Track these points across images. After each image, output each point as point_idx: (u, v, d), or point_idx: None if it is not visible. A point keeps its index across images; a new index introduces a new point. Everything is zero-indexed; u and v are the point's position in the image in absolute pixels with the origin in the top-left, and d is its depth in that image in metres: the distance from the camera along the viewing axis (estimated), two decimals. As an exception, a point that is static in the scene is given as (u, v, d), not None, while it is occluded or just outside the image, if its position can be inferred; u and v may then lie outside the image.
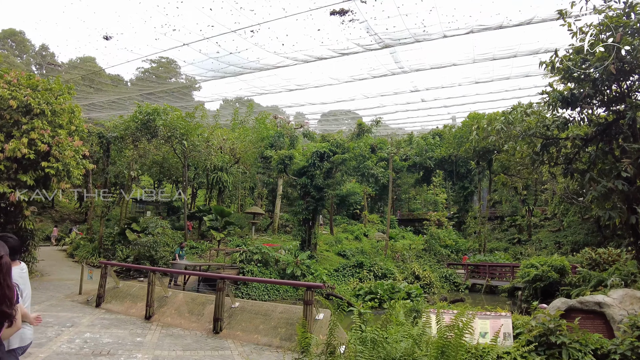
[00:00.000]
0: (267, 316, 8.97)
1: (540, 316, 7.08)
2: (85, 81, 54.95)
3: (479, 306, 13.26)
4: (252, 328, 8.83)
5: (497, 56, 26.33)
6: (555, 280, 17.41)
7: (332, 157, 20.71)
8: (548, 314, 6.87)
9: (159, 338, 8.52)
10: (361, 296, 16.30)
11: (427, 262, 26.46)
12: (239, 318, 9.29)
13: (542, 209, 37.01)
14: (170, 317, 10.16)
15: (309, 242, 21.46)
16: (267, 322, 8.79)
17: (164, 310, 10.53)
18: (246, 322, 9.09)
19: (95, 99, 38.97)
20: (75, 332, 8.51)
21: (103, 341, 7.97)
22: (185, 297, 10.75)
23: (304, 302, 7.91)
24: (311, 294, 7.91)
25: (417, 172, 45.14)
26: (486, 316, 7.43)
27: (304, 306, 7.86)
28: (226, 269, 17.06)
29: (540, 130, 13.09)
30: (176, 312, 10.33)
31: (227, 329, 9.08)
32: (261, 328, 8.73)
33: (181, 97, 37.74)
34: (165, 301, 10.85)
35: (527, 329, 7.05)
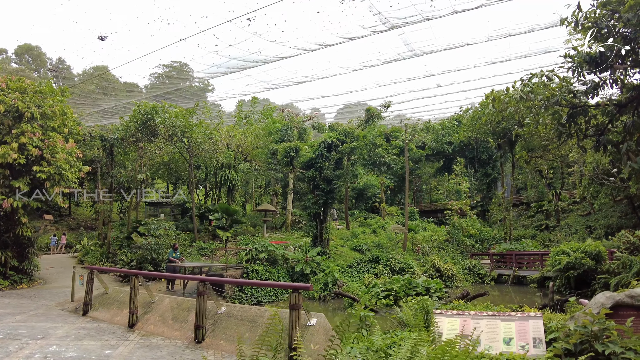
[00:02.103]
0: (254, 322, 7.91)
1: (580, 316, 5.62)
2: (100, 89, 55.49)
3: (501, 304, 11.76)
4: (237, 336, 7.78)
5: (513, 32, 24.40)
6: (590, 267, 15.70)
7: (341, 147, 19.51)
8: (590, 314, 5.33)
9: (132, 350, 7.59)
10: (375, 293, 15.06)
11: (450, 253, 24.94)
12: (224, 325, 8.28)
13: (569, 193, 34.73)
14: (154, 325, 9.26)
15: (321, 238, 20.36)
16: (254, 330, 7.73)
17: (148, 317, 9.65)
18: (231, 329, 8.05)
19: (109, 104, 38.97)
20: (40, 346, 7.68)
21: (65, 356, 7.08)
22: (171, 303, 9.82)
23: (290, 306, 6.78)
24: (298, 297, 6.78)
25: (436, 161, 43.33)
26: (510, 317, 5.98)
27: (290, 311, 6.74)
28: (230, 270, 16.17)
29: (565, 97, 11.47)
30: (160, 319, 9.42)
31: (210, 338, 8.08)
32: (247, 336, 7.66)
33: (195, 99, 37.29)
34: (151, 307, 9.97)
35: (563, 333, 5.59)
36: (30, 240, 16.44)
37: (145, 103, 19.48)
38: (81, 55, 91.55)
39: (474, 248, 27.67)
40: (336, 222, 31.48)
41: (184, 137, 19.50)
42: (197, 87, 62.19)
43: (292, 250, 18.02)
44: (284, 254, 17.21)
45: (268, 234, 25.48)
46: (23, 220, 15.48)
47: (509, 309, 7.23)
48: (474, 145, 37.91)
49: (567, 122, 11.83)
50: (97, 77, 55.68)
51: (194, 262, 16.41)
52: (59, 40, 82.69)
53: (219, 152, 22.37)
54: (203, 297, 8.29)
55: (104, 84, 54.60)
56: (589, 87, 11.50)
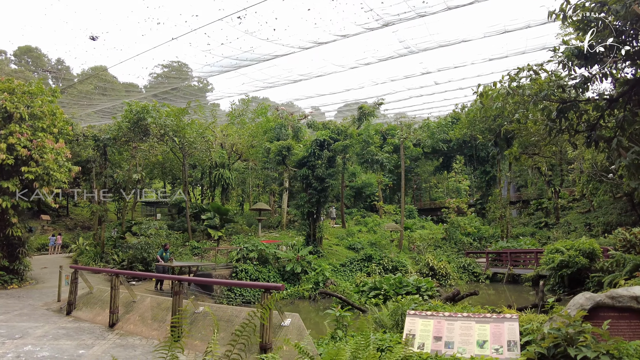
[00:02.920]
0: (230, 322, 7.81)
1: (557, 318, 5.45)
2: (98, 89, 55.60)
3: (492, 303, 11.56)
4: (212, 336, 7.69)
5: (509, 28, 24.15)
6: (584, 266, 15.48)
7: (333, 145, 19.37)
8: (566, 316, 5.08)
9: (106, 350, 7.53)
10: (365, 292, 14.94)
11: (446, 252, 24.75)
12: (200, 325, 8.19)
13: (569, 190, 34.44)
14: (133, 324, 9.21)
15: (314, 237, 20.24)
16: (229, 330, 7.62)
17: (129, 316, 9.59)
18: (206, 329, 7.97)
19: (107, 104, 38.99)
20: (15, 345, 7.63)
21: (38, 356, 7.02)
22: (151, 302, 9.74)
23: (262, 306, 6.67)
24: (270, 297, 6.67)
25: (435, 159, 43.06)
26: (485, 319, 5.79)
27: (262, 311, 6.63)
28: (220, 269, 16.09)
29: (554, 92, 11.25)
30: (140, 318, 9.35)
31: (187, 338, 7.96)
32: (221, 336, 7.56)
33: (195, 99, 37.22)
34: (132, 307, 9.91)
35: (539, 336, 5.43)
36: (21, 241, 16.38)
37: (137, 102, 19.43)
38: (74, 56, 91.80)
39: (471, 246, 27.45)
40: (334, 220, 31.36)
41: (176, 136, 19.43)
42: (196, 87, 62.23)
43: (284, 249, 17.91)
44: (275, 253, 17.11)
45: (263, 233, 25.39)
46: (13, 220, 15.43)
47: (486, 310, 7.06)
48: (473, 143, 37.65)
49: (557, 118, 11.61)
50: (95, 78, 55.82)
51: (181, 261, 16.34)
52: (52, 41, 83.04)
53: (213, 151, 22.28)
54: (179, 296, 8.21)
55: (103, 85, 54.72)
56: (579, 81, 11.28)
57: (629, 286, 10.34)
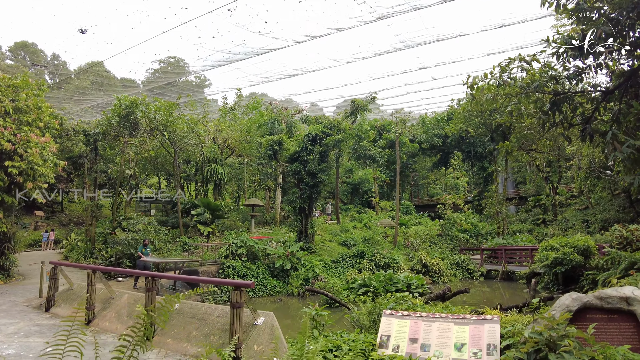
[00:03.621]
0: (203, 320, 7.55)
1: (541, 321, 5.12)
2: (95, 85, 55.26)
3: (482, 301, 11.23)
4: (185, 335, 7.44)
5: (506, 22, 23.77)
6: (578, 263, 15.17)
7: (325, 140, 19.06)
8: (549, 319, 4.71)
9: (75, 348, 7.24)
10: (354, 289, 14.68)
11: (441, 248, 24.47)
12: (174, 322, 7.92)
13: (568, 187, 34.13)
14: (109, 322, 8.95)
15: (306, 233, 19.97)
16: (201, 328, 7.38)
17: (106, 313, 9.34)
18: (180, 327, 7.70)
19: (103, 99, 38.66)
20: (-19, 344, 7.39)
21: (3, 353, 6.79)
22: (128, 299, 9.49)
23: (231, 304, 6.39)
24: (240, 295, 6.39)
25: (433, 155, 42.72)
26: (465, 321, 5.46)
27: (231, 310, 6.35)
28: (208, 265, 15.84)
29: (546, 83, 10.88)
30: (116, 315, 9.10)
31: (160, 336, 7.73)
32: (193, 335, 7.32)
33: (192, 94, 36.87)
34: (110, 303, 9.65)
35: (522, 340, 5.11)
36: (7, 236, 16.15)
37: (126, 97, 19.14)
38: (64, 49, 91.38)
39: (468, 243, 27.19)
40: (329, 216, 31.10)
41: (165, 130, 19.16)
42: (193, 83, 61.90)
43: (274, 246, 17.65)
44: (265, 249, 16.85)
45: (257, 229, 25.15)
46: (-2, 215, 15.19)
47: (467, 310, 6.76)
48: (471, 139, 37.29)
49: (551, 111, 11.26)
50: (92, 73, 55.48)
51: (162, 258, 16.09)
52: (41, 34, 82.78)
53: (204, 146, 22.01)
54: (151, 293, 7.95)
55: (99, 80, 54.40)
56: (573, 72, 10.93)
57: (620, 286, 9.96)
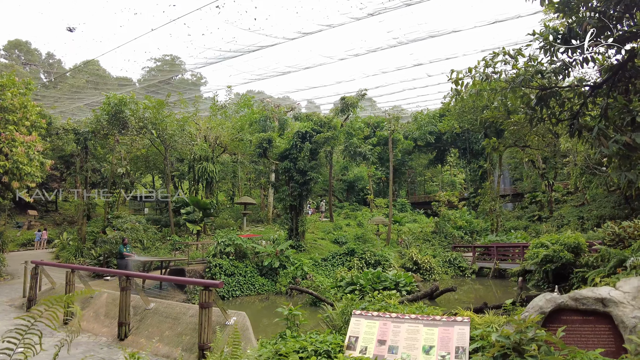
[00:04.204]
0: (177, 320, 7.47)
1: (511, 324, 4.96)
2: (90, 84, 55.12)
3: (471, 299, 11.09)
4: (158, 334, 7.35)
5: (500, 18, 23.63)
6: (568, 261, 15.00)
7: (315, 137, 18.92)
8: (519, 321, 4.47)
9: (47, 348, 7.15)
10: (342, 287, 14.57)
11: (433, 245, 24.35)
12: (149, 322, 7.84)
13: (564, 183, 34.00)
14: (87, 321, 8.89)
15: (297, 231, 19.86)
16: (174, 328, 7.29)
17: (84, 312, 9.27)
18: (154, 326, 7.62)
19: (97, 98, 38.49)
20: (-49, 346, 7.28)
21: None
22: (107, 298, 9.41)
23: (200, 304, 6.30)
24: (209, 295, 6.31)
25: (429, 152, 42.57)
26: (434, 322, 5.29)
27: (200, 310, 6.26)
28: (196, 264, 15.74)
29: (532, 78, 10.70)
30: (94, 315, 9.02)
31: (134, 335, 7.66)
32: (166, 335, 7.24)
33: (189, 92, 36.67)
34: (89, 303, 9.58)
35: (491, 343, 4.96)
36: (-10, 235, 16.07)
37: (114, 95, 19.02)
38: (53, 48, 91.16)
39: (462, 240, 27.07)
40: (323, 214, 30.99)
41: (154, 129, 19.04)
42: (189, 81, 61.70)
43: (264, 244, 17.54)
44: (254, 247, 16.75)
45: (249, 227, 25.05)
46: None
47: (440, 311, 6.63)
48: (466, 136, 37.14)
49: (537, 105, 11.10)
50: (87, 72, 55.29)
51: (151, 256, 15.99)
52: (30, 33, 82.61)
53: (195, 144, 21.89)
54: (126, 292, 7.87)
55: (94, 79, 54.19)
56: (559, 66, 10.76)
57: (604, 284, 9.78)
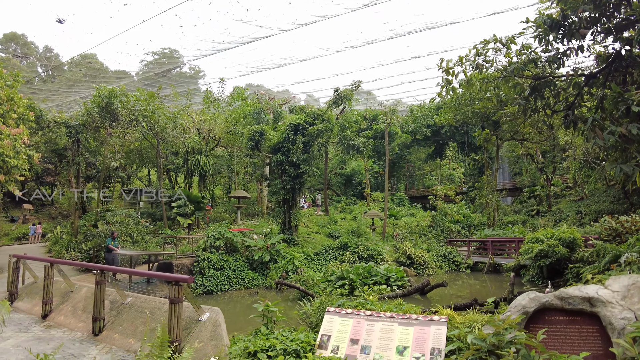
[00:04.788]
0: (151, 315, 7.23)
1: (487, 326, 4.69)
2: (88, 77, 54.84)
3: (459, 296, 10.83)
4: (132, 330, 7.15)
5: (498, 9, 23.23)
6: (563, 256, 14.73)
7: (308, 129, 18.63)
8: (496, 323, 4.20)
9: (20, 343, 7.07)
10: (332, 282, 14.37)
11: (428, 239, 24.11)
12: (124, 317, 7.63)
13: (563, 178, 33.69)
14: (64, 316, 8.70)
15: (289, 224, 19.65)
16: (149, 323, 7.07)
17: (63, 307, 9.08)
18: (129, 322, 7.41)
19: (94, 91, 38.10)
20: None
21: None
22: (86, 293, 9.19)
23: (170, 300, 6.06)
24: (179, 290, 6.05)
25: (428, 145, 42.22)
26: (410, 321, 5.03)
27: (170, 306, 6.01)
28: (184, 258, 15.55)
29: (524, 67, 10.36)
30: (72, 309, 8.82)
31: (108, 330, 7.45)
32: (140, 330, 7.02)
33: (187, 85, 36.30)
34: (69, 297, 9.38)
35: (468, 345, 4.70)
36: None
37: (105, 87, 18.74)
38: (44, 40, 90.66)
39: (459, 234, 26.85)
40: (319, 208, 30.78)
41: (145, 121, 18.79)
42: (187, 74, 61.31)
43: (255, 238, 17.34)
44: (245, 241, 16.54)
45: (243, 221, 24.85)
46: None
47: (420, 309, 6.36)
48: (465, 129, 36.76)
49: (531, 95, 10.77)
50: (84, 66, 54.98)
51: (138, 250, 15.80)
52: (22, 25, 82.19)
53: (186, 136, 21.63)
54: (100, 287, 7.65)
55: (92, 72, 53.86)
56: (553, 55, 10.41)
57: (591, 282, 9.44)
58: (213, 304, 13.43)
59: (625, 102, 8.26)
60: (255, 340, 5.45)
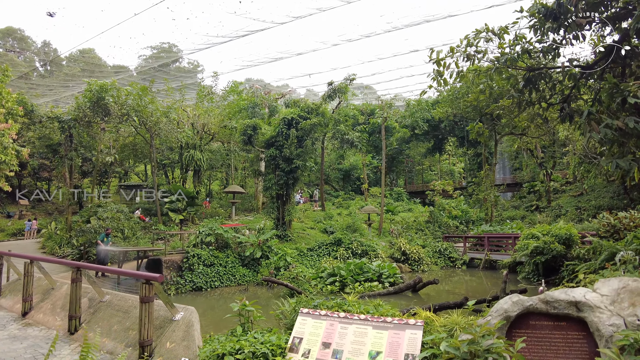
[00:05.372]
0: (127, 314, 7.05)
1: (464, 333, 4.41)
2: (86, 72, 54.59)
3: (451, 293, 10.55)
4: (107, 329, 6.95)
5: (497, 2, 22.80)
6: (559, 253, 14.44)
7: (301, 124, 18.37)
8: (472, 330, 3.88)
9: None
10: (323, 279, 14.17)
11: (424, 235, 23.88)
12: (100, 315, 7.45)
13: (563, 173, 33.34)
14: (43, 314, 8.53)
15: (283, 220, 19.44)
16: (123, 322, 6.88)
17: (43, 305, 8.91)
18: (105, 320, 7.22)
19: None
20: None
21: None
22: (67, 290, 8.97)
23: (140, 299, 5.85)
24: (149, 289, 5.85)
25: (427, 140, 41.85)
26: (385, 325, 4.76)
27: (140, 305, 5.81)
28: (173, 254, 15.36)
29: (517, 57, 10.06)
30: (51, 307, 8.65)
31: (84, 329, 7.27)
32: (114, 329, 6.83)
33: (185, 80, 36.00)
34: (50, 294, 9.21)
35: None
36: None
37: (95, 81, 18.51)
38: (35, 34, 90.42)
39: (457, 230, 26.58)
40: (316, 203, 30.56)
41: (136, 116, 18.56)
42: (186, 68, 60.97)
43: (247, 233, 17.14)
44: (237, 237, 16.34)
45: (238, 216, 24.67)
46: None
47: (398, 311, 6.09)
48: (465, 124, 36.36)
49: (525, 87, 10.47)
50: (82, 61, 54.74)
51: (126, 247, 15.63)
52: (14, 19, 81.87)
53: (180, 131, 21.39)
54: (76, 284, 7.46)
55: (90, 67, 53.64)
56: (548, 45, 10.10)
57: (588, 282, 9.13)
58: (202, 300, 13.25)
59: (622, 94, 7.96)
60: (225, 343, 5.23)
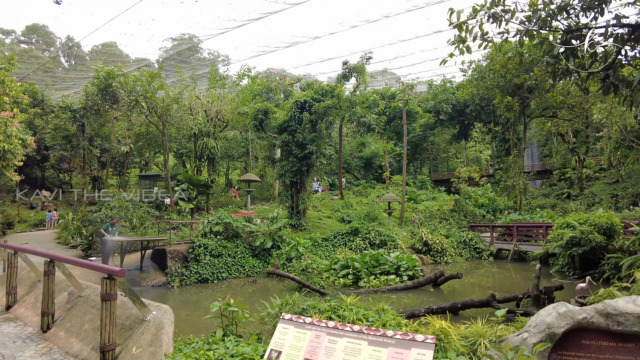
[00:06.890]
0: (100, 310, 6.29)
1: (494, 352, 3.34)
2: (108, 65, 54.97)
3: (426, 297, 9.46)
4: (77, 327, 6.22)
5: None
6: (599, 244, 12.89)
7: (314, 107, 17.32)
8: (501, 353, 2.96)
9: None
10: (336, 271, 13.21)
11: (448, 224, 22.50)
12: (75, 311, 6.73)
13: (596, 159, 31.06)
14: (25, 308, 7.95)
15: (297, 208, 18.55)
16: (95, 320, 6.11)
17: (27, 298, 8.34)
18: (78, 317, 6.49)
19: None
20: None
21: None
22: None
23: (102, 296, 5.02)
24: (112, 285, 5.00)
25: (452, 126, 40.00)
26: (384, 339, 3.66)
27: (102, 303, 4.99)
28: (181, 244, 14.74)
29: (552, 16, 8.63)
30: (34, 301, 8.04)
31: (57, 327, 6.56)
32: (85, 328, 6.08)
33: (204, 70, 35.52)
34: (36, 287, 8.63)
35: None
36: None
37: (103, 68, 18.03)
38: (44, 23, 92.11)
39: (484, 219, 25.09)
40: (333, 191, 29.57)
41: (145, 102, 18.01)
42: (207, 59, 60.71)
43: (258, 222, 16.35)
44: (247, 226, 15.57)
45: (254, 205, 23.98)
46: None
47: (403, 320, 4.99)
48: (492, 109, 34.40)
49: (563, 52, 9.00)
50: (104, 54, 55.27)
51: (130, 237, 15.08)
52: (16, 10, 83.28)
53: (192, 118, 20.76)
54: (49, 277, 6.76)
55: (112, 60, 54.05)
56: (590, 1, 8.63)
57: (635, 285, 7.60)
58: (207, 293, 12.54)
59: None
60: (191, 353, 4.35)
